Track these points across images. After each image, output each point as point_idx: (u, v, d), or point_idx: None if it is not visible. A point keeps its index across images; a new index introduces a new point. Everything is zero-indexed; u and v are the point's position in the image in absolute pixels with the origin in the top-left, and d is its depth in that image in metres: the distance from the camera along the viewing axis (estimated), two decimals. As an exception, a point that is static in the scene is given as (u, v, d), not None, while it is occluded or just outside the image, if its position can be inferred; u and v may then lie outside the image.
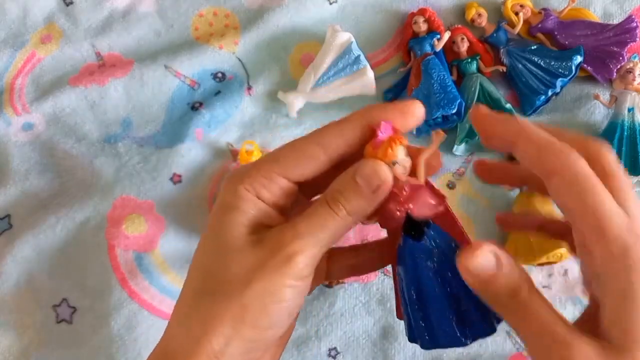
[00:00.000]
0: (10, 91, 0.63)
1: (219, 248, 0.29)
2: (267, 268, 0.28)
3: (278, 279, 0.28)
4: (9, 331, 0.55)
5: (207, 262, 0.30)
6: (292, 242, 0.28)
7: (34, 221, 0.58)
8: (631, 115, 0.58)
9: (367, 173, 0.28)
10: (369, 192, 0.28)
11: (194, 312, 0.29)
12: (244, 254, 0.28)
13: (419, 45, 0.61)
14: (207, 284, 0.29)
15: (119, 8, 0.66)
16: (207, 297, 0.29)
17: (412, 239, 0.30)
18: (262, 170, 0.30)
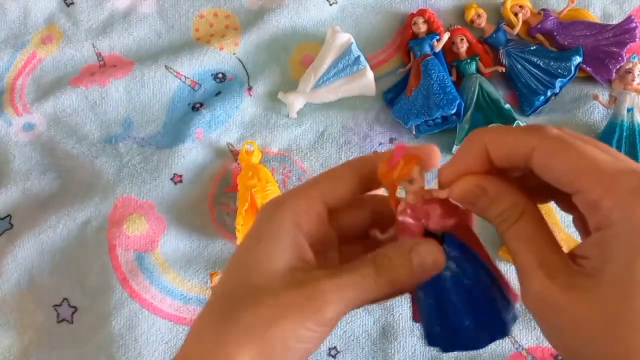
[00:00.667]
0: (11, 91, 0.63)
1: (249, 276, 0.29)
2: (298, 311, 0.27)
3: (307, 323, 0.27)
4: (9, 331, 0.55)
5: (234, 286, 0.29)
6: (331, 294, 0.28)
7: (34, 221, 0.58)
8: (630, 116, 0.58)
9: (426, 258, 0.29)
10: (418, 273, 0.29)
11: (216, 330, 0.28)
12: (279, 291, 0.28)
13: (419, 46, 0.61)
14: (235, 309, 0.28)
15: (120, 9, 0.66)
16: (233, 315, 0.28)
17: None
18: (302, 193, 0.30)
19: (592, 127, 0.60)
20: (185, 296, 0.55)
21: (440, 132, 0.60)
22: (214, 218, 0.58)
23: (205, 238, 0.58)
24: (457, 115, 0.59)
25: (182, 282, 0.56)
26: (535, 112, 0.60)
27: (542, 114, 0.61)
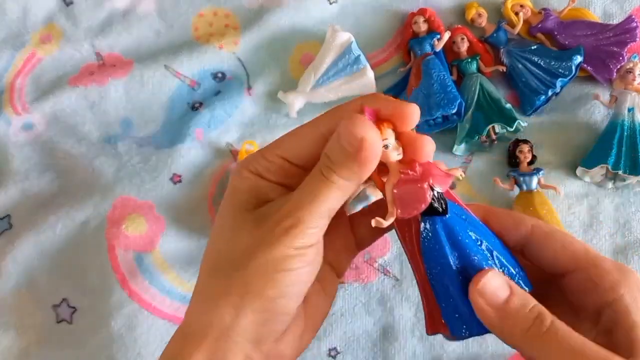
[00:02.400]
0: (10, 91, 0.63)
1: (225, 228, 0.31)
2: (268, 240, 0.28)
3: (280, 249, 0.28)
4: (9, 331, 0.55)
5: (216, 243, 0.32)
6: (290, 214, 0.29)
7: (34, 221, 0.58)
8: (631, 115, 0.57)
9: (347, 131, 0.28)
10: (354, 152, 0.27)
11: (205, 290, 0.30)
12: (247, 230, 0.30)
13: (419, 45, 0.61)
14: (217, 263, 0.30)
15: (119, 8, 0.66)
16: (216, 275, 0.30)
17: (440, 216, 0.28)
18: (265, 153, 0.32)
19: (593, 127, 0.60)
20: (185, 296, 0.55)
21: (440, 131, 0.59)
22: (214, 218, 0.58)
23: (205, 238, 0.58)
24: (457, 114, 0.59)
25: (182, 282, 0.56)
26: (536, 111, 0.60)
27: (543, 114, 0.61)
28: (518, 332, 0.28)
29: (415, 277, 0.31)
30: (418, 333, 0.55)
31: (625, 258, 0.57)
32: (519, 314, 0.28)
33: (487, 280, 0.27)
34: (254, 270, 0.28)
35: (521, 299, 0.28)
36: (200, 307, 0.30)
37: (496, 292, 0.27)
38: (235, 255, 0.29)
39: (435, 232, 0.28)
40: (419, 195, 0.27)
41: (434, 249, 0.29)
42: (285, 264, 0.28)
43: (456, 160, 0.60)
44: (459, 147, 0.59)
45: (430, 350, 0.55)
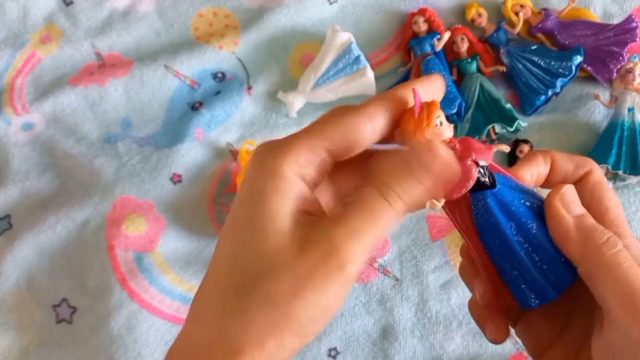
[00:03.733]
0: (10, 91, 0.63)
1: (258, 242, 0.25)
2: (318, 277, 0.24)
3: (330, 288, 0.24)
4: (8, 331, 0.55)
5: (242, 255, 0.25)
6: (346, 245, 0.24)
7: (34, 221, 0.58)
8: (631, 115, 0.57)
9: (423, 156, 0.25)
10: (427, 179, 0.25)
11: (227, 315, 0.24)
12: (291, 257, 0.24)
13: (419, 45, 0.61)
14: (243, 283, 0.25)
15: (119, 8, 0.66)
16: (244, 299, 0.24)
17: (489, 189, 0.27)
18: (309, 142, 0.25)
19: (593, 127, 0.60)
20: (184, 297, 0.55)
21: (440, 131, 0.59)
22: (214, 218, 0.58)
23: (205, 238, 0.58)
24: (457, 114, 0.59)
25: (182, 282, 0.56)
26: (536, 111, 0.60)
27: (543, 114, 0.61)
28: (592, 244, 0.26)
29: (474, 256, 0.30)
30: (418, 333, 0.55)
31: (625, 258, 0.57)
32: (596, 229, 0.27)
33: (566, 190, 0.27)
34: (298, 310, 0.24)
35: (593, 221, 0.27)
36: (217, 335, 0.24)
37: (575, 204, 0.27)
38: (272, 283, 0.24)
39: (487, 207, 0.27)
40: (465, 173, 0.26)
41: (489, 223, 0.28)
42: (333, 303, 0.25)
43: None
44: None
45: (430, 350, 0.55)
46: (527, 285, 0.28)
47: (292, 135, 0.26)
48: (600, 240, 0.26)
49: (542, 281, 0.28)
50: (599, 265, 0.26)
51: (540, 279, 0.28)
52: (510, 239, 0.27)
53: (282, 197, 0.25)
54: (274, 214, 0.25)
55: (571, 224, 0.27)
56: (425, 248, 0.57)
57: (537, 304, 0.28)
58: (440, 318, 0.55)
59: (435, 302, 0.55)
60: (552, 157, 0.31)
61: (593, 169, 0.30)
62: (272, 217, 0.25)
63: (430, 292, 0.56)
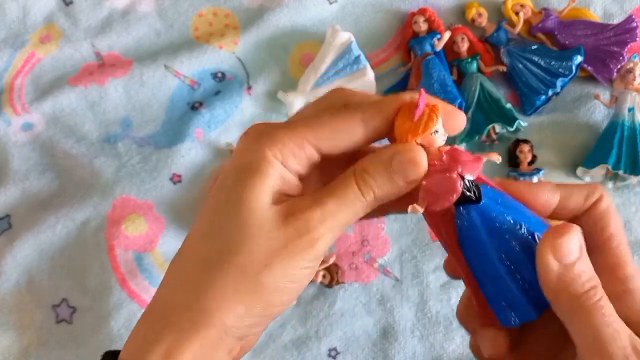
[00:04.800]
0: (10, 91, 0.63)
1: (238, 215, 0.27)
2: (290, 250, 0.26)
3: (299, 262, 0.26)
4: (8, 331, 0.55)
5: (222, 227, 0.27)
6: (320, 224, 0.26)
7: (33, 221, 0.58)
8: (631, 115, 0.57)
9: (406, 163, 0.26)
10: (403, 183, 0.27)
11: (204, 283, 0.27)
12: (268, 229, 0.26)
13: (419, 45, 0.61)
14: (221, 253, 0.27)
15: (119, 8, 0.66)
16: (220, 268, 0.26)
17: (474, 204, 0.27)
18: (295, 136, 0.27)
19: (593, 127, 0.60)
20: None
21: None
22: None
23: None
24: (457, 114, 0.59)
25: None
26: (536, 111, 0.60)
27: (543, 114, 0.61)
28: (570, 294, 0.26)
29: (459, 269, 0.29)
30: (418, 333, 0.55)
31: (626, 258, 0.57)
32: (579, 279, 0.26)
33: (568, 238, 0.26)
34: (269, 278, 0.26)
35: (586, 265, 0.27)
36: (194, 300, 0.27)
37: (570, 252, 0.26)
38: (248, 253, 0.26)
39: (470, 221, 0.27)
40: (450, 186, 0.26)
41: (472, 238, 0.27)
42: (299, 277, 0.27)
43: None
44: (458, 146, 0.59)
45: (430, 350, 0.55)
46: (508, 303, 0.28)
47: (282, 124, 0.28)
48: (580, 292, 0.26)
49: (522, 300, 0.27)
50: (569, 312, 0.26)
51: (520, 298, 0.27)
52: (491, 256, 0.27)
53: (263, 176, 0.27)
54: (253, 190, 0.27)
55: (554, 276, 0.26)
56: (425, 248, 0.57)
57: (516, 322, 0.28)
58: (440, 318, 0.55)
59: (435, 302, 0.55)
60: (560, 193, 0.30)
61: (603, 195, 0.30)
62: (251, 193, 0.27)
63: (430, 292, 0.56)
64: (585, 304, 0.26)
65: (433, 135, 0.26)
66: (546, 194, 0.30)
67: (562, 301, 0.26)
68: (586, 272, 0.27)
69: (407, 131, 0.26)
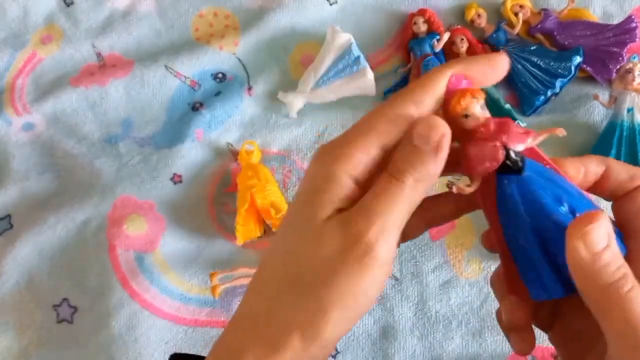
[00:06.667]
0: (11, 91, 0.63)
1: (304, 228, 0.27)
2: (350, 268, 0.26)
3: (366, 276, 0.26)
4: (8, 331, 0.55)
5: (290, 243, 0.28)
6: (367, 230, 0.26)
7: (34, 221, 0.58)
8: (630, 116, 0.58)
9: (422, 132, 0.26)
10: (431, 152, 0.26)
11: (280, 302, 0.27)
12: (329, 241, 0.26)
13: (419, 45, 0.61)
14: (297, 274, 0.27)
15: (120, 8, 0.66)
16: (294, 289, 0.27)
17: (515, 174, 0.27)
18: (360, 145, 0.27)
19: (592, 127, 0.60)
20: (185, 296, 0.55)
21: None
22: (214, 218, 0.58)
23: (205, 238, 0.58)
24: (457, 115, 0.59)
25: (182, 282, 0.56)
26: (536, 112, 0.60)
27: (543, 114, 0.61)
28: (598, 284, 0.26)
29: (494, 237, 0.30)
30: (418, 333, 0.55)
31: (625, 258, 0.57)
32: (608, 268, 0.26)
33: (596, 226, 0.26)
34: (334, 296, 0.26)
35: (614, 254, 0.26)
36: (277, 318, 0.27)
37: (598, 241, 0.26)
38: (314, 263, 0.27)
39: (510, 191, 0.27)
40: (490, 153, 0.26)
41: (508, 209, 0.28)
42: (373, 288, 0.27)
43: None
44: (458, 147, 0.59)
45: (430, 350, 0.55)
46: (537, 277, 0.28)
47: (346, 136, 0.28)
48: (610, 281, 0.26)
49: (551, 276, 0.27)
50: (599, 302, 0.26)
51: (550, 274, 0.27)
52: (525, 228, 0.27)
53: (329, 192, 0.27)
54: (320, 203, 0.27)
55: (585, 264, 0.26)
56: (425, 248, 0.57)
57: (544, 297, 0.28)
58: (440, 318, 0.55)
59: (435, 302, 0.56)
60: (606, 164, 0.30)
61: None
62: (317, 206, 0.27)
63: (430, 292, 0.56)
64: (615, 294, 0.26)
65: (463, 119, 0.27)
66: (592, 165, 0.30)
67: (590, 291, 0.26)
68: (615, 261, 0.26)
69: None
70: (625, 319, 0.25)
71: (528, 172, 0.27)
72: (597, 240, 0.26)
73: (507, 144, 0.26)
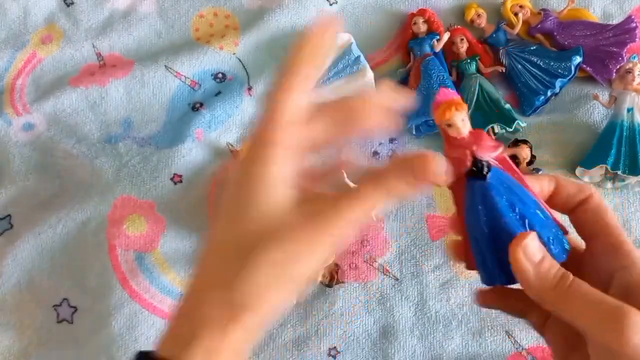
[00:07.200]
0: (11, 91, 0.63)
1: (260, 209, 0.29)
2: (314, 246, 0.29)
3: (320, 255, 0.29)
4: (9, 331, 0.55)
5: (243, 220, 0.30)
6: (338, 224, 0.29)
7: (34, 221, 0.58)
8: (630, 116, 0.58)
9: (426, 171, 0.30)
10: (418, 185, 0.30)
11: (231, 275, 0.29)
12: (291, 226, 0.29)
13: (419, 46, 0.61)
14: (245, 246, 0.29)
15: (120, 9, 0.66)
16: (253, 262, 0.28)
17: (477, 179, 0.32)
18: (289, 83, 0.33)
19: (592, 127, 0.60)
20: (185, 296, 0.55)
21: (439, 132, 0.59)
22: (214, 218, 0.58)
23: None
24: (457, 115, 0.59)
25: (182, 282, 0.56)
26: (536, 112, 0.60)
27: (543, 114, 0.61)
28: (548, 287, 0.31)
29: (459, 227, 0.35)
30: (417, 332, 0.55)
31: (625, 258, 0.57)
32: (549, 273, 0.31)
33: (529, 240, 0.31)
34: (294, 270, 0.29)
35: (550, 261, 0.31)
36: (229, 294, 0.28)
37: (535, 253, 0.31)
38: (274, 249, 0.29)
39: (473, 193, 0.33)
40: (460, 159, 0.32)
41: (469, 207, 0.33)
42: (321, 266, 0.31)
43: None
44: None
45: (429, 350, 0.55)
46: (485, 265, 0.33)
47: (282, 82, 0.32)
48: (555, 282, 0.31)
49: (496, 267, 0.32)
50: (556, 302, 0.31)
51: (494, 265, 0.32)
52: (481, 227, 0.32)
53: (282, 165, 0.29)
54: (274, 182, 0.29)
55: (532, 276, 0.31)
56: (425, 248, 0.57)
57: (489, 283, 0.33)
58: (440, 317, 0.55)
59: (434, 302, 0.56)
60: (556, 181, 0.35)
61: (593, 193, 0.34)
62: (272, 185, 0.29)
63: (429, 292, 0.56)
64: (562, 291, 0.31)
65: (447, 127, 0.32)
66: (545, 182, 0.35)
67: (544, 296, 0.31)
68: (553, 266, 0.31)
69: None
70: (579, 304, 0.30)
71: (491, 180, 0.32)
72: (535, 251, 0.31)
73: (476, 153, 0.32)
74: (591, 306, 0.30)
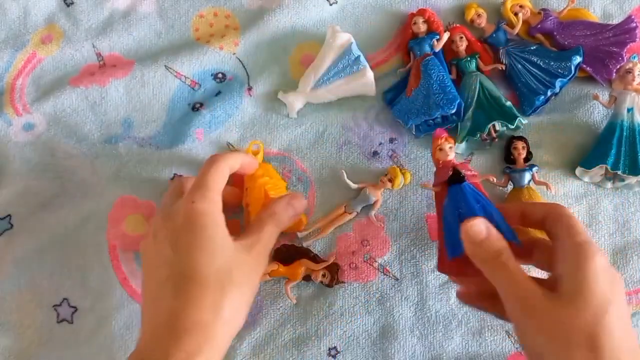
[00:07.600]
0: (11, 91, 0.63)
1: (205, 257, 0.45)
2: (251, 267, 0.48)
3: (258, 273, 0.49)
4: (9, 331, 0.55)
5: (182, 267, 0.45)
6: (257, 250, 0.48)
7: (34, 221, 0.58)
8: (630, 116, 0.58)
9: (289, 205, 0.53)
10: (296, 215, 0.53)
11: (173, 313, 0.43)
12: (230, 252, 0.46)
13: (419, 45, 0.61)
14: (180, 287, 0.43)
15: (120, 8, 0.66)
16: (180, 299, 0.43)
17: (456, 183, 0.47)
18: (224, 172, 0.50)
19: (592, 127, 0.60)
20: (185, 296, 0.55)
21: (440, 132, 0.59)
22: (214, 218, 0.58)
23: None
24: (457, 115, 0.59)
25: (182, 282, 0.56)
26: (536, 112, 0.60)
27: (542, 114, 0.61)
28: (481, 258, 0.42)
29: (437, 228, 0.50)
30: (417, 332, 0.55)
31: (625, 258, 0.57)
32: (487, 248, 0.42)
33: (475, 222, 0.43)
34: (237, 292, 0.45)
35: (493, 240, 0.42)
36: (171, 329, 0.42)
37: (478, 231, 0.43)
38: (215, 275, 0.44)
39: (451, 194, 0.48)
40: (445, 169, 0.49)
41: (447, 204, 0.47)
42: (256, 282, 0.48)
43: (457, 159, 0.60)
44: (459, 145, 0.59)
45: (429, 350, 0.55)
46: (453, 241, 0.45)
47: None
48: (489, 255, 0.42)
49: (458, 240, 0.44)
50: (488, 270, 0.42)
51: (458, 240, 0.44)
52: (454, 212, 0.46)
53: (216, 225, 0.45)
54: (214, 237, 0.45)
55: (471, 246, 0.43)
56: (425, 248, 0.57)
57: (455, 254, 0.45)
58: (440, 317, 0.55)
59: (434, 302, 0.56)
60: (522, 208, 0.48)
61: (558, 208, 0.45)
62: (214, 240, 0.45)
63: (429, 292, 0.56)
64: (497, 262, 0.41)
65: (439, 151, 0.50)
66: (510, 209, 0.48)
67: (481, 265, 0.42)
68: (494, 244, 0.42)
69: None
70: (507, 276, 0.41)
71: (466, 187, 0.47)
72: (477, 233, 0.42)
73: (457, 166, 0.48)
74: (509, 282, 0.40)
